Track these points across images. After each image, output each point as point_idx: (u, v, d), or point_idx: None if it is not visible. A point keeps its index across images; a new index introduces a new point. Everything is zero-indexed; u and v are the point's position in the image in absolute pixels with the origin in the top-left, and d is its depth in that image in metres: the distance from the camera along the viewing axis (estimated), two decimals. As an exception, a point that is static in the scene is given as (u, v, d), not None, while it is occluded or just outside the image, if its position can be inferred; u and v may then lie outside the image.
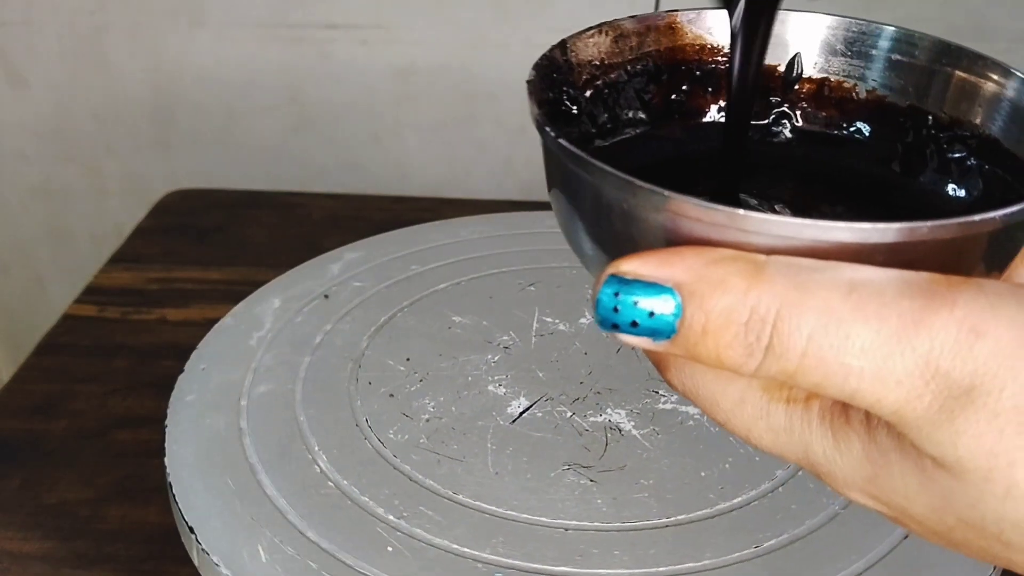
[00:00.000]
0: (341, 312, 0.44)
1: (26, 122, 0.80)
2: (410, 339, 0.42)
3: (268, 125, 0.79)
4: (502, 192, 0.79)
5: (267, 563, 0.31)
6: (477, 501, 0.34)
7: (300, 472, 0.35)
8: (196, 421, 0.38)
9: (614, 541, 0.32)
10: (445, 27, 0.74)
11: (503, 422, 0.37)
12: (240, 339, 0.43)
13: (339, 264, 0.47)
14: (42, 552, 0.40)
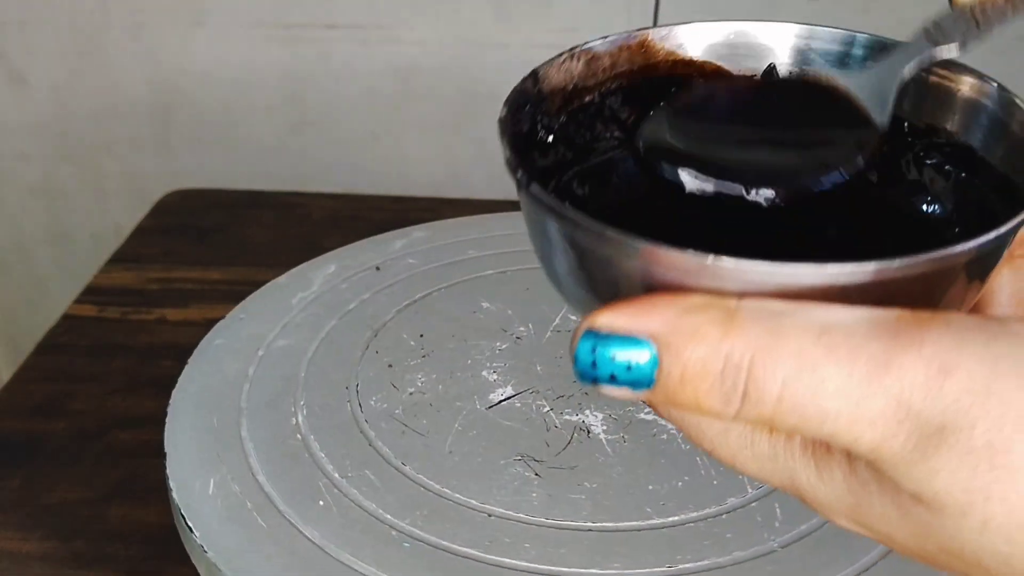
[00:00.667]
0: (384, 284, 0.45)
1: (26, 122, 0.80)
2: (433, 317, 0.43)
3: (268, 125, 0.79)
4: (502, 192, 0.79)
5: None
6: (418, 474, 0.35)
7: (278, 424, 0.37)
8: (211, 372, 0.40)
9: (529, 534, 0.33)
10: (445, 27, 0.74)
11: (480, 406, 0.38)
12: (285, 297, 0.46)
13: (403, 241, 0.49)
14: (42, 552, 0.40)
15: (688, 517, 0.33)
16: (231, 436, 0.37)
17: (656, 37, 0.26)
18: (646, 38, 0.26)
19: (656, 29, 0.26)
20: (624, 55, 0.26)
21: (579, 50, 0.26)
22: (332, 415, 0.38)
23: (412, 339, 0.42)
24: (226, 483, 0.35)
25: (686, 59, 0.26)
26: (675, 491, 0.34)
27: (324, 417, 0.38)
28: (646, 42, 0.26)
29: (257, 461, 0.36)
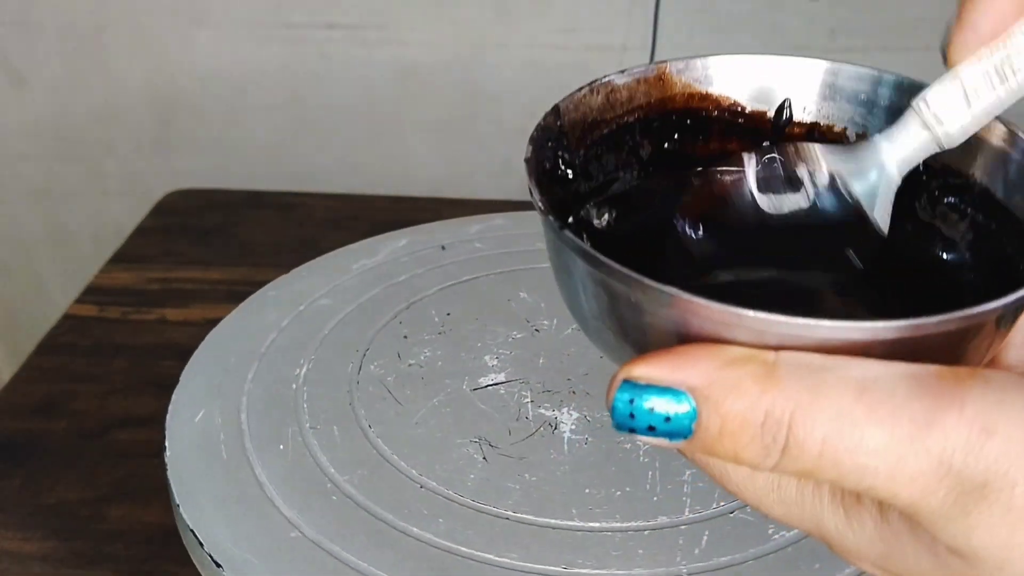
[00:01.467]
0: (441, 263, 0.46)
1: (26, 122, 0.80)
2: (469, 299, 0.43)
3: (268, 125, 0.79)
4: (502, 192, 0.79)
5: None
6: (377, 438, 0.36)
7: (275, 376, 0.39)
8: (247, 327, 0.42)
9: (449, 511, 0.33)
10: (445, 27, 0.74)
11: (466, 387, 0.39)
12: (346, 264, 0.47)
13: (480, 226, 0.49)
14: (42, 552, 0.40)
15: (610, 526, 0.33)
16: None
17: (674, 70, 0.26)
18: (664, 71, 0.26)
19: (675, 62, 0.26)
20: (642, 88, 0.26)
21: (598, 83, 0.26)
22: (331, 372, 0.40)
23: (439, 316, 0.43)
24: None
25: (703, 93, 0.26)
26: (610, 498, 0.33)
27: (323, 373, 0.40)
28: (664, 75, 0.26)
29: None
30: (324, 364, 0.41)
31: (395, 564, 0.31)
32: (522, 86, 0.76)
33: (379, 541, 0.32)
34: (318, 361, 0.41)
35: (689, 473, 0.34)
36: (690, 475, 0.34)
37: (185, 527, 0.33)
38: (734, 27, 0.73)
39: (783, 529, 0.31)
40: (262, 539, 0.32)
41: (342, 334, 0.42)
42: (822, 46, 0.73)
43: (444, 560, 0.32)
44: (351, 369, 0.40)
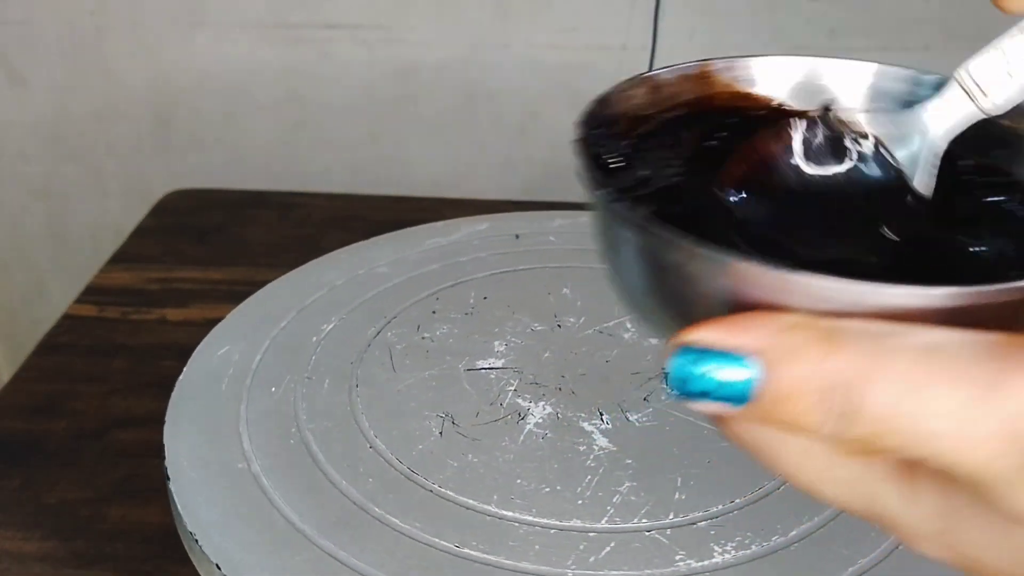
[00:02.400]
0: (508, 250, 0.47)
1: (26, 122, 0.80)
2: (512, 288, 0.44)
3: (268, 125, 0.79)
4: (502, 192, 0.79)
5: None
6: (357, 397, 0.38)
7: (302, 329, 0.41)
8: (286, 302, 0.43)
9: (384, 475, 0.34)
10: (445, 27, 0.74)
11: (461, 366, 0.39)
12: (420, 239, 0.48)
13: (563, 221, 0.50)
14: (42, 552, 0.40)
15: (520, 517, 0.32)
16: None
17: (717, 68, 0.27)
18: (708, 69, 0.27)
19: (718, 60, 0.26)
20: (686, 84, 0.27)
21: (642, 77, 0.26)
22: (351, 334, 0.41)
23: (475, 298, 0.43)
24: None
25: (745, 92, 0.27)
26: (536, 493, 0.33)
27: (345, 332, 0.42)
28: (707, 73, 0.27)
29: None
30: (349, 326, 0.42)
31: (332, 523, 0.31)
32: (522, 86, 0.76)
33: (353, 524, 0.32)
34: (346, 322, 0.42)
35: (628, 485, 0.33)
36: (628, 487, 0.33)
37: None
38: (734, 27, 0.73)
39: (692, 556, 0.30)
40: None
41: (379, 301, 0.43)
42: (822, 46, 0.73)
43: (356, 515, 0.32)
44: (370, 333, 0.41)
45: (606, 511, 0.32)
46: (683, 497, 0.32)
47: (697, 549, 0.30)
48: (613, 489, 0.33)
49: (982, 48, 0.23)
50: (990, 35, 0.25)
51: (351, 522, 0.32)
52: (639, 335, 0.40)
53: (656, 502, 0.32)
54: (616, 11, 0.73)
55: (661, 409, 0.36)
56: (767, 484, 0.32)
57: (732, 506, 0.31)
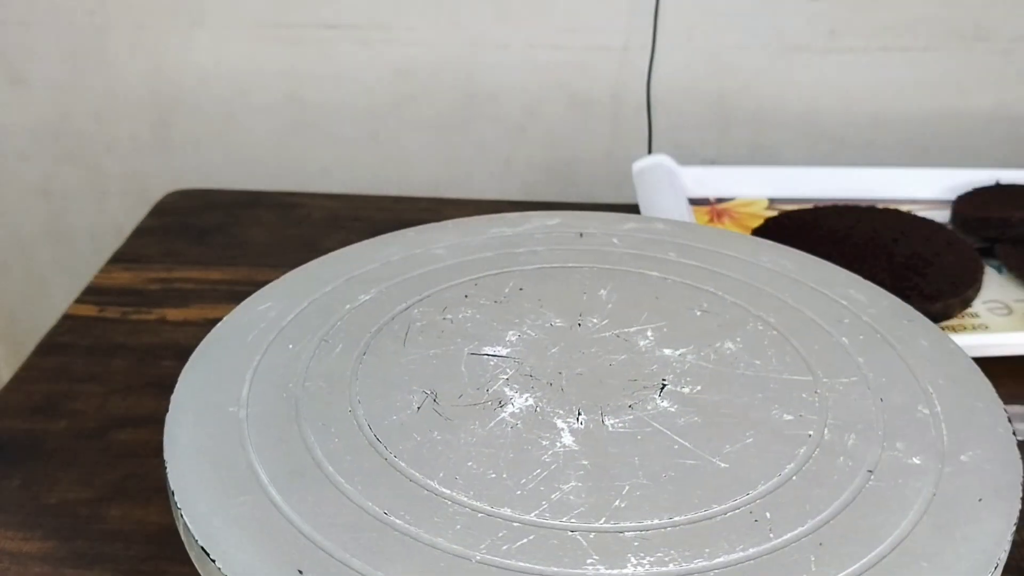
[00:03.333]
0: (562, 248, 0.46)
1: (26, 122, 0.80)
2: (551, 284, 0.44)
3: (268, 125, 0.79)
4: (502, 192, 0.80)
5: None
6: (358, 362, 0.38)
7: (337, 300, 0.41)
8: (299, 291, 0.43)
9: (348, 439, 0.35)
10: (445, 27, 0.74)
11: (467, 350, 0.39)
12: (486, 228, 0.48)
13: (635, 225, 0.49)
14: (42, 552, 0.40)
15: (453, 496, 0.33)
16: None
17: None
18: None
19: None
20: None
21: None
22: (380, 308, 0.42)
23: (511, 288, 0.43)
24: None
25: None
26: (478, 477, 0.33)
27: (376, 306, 0.42)
28: None
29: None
30: (384, 298, 0.42)
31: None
32: (522, 86, 0.76)
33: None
34: (383, 294, 0.43)
35: (572, 485, 0.32)
36: (571, 487, 0.32)
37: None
38: (734, 27, 0.73)
39: (604, 563, 0.30)
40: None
41: (422, 280, 0.44)
42: (822, 46, 0.73)
43: (310, 471, 0.33)
44: (398, 308, 0.42)
45: (540, 505, 0.32)
46: (622, 505, 0.31)
47: (613, 557, 0.29)
48: (556, 486, 0.32)
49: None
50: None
51: (305, 474, 0.33)
52: (656, 343, 0.39)
53: (593, 505, 0.31)
54: (616, 11, 0.73)
55: (642, 417, 0.35)
56: (713, 508, 0.31)
57: (667, 522, 0.31)
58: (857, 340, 0.38)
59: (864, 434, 0.33)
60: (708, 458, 0.33)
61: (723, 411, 0.35)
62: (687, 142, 0.77)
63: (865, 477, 0.32)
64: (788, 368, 0.37)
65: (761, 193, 0.65)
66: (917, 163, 0.75)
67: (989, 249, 0.58)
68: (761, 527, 0.30)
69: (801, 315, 0.40)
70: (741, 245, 0.46)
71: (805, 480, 0.32)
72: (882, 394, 0.35)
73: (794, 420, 0.34)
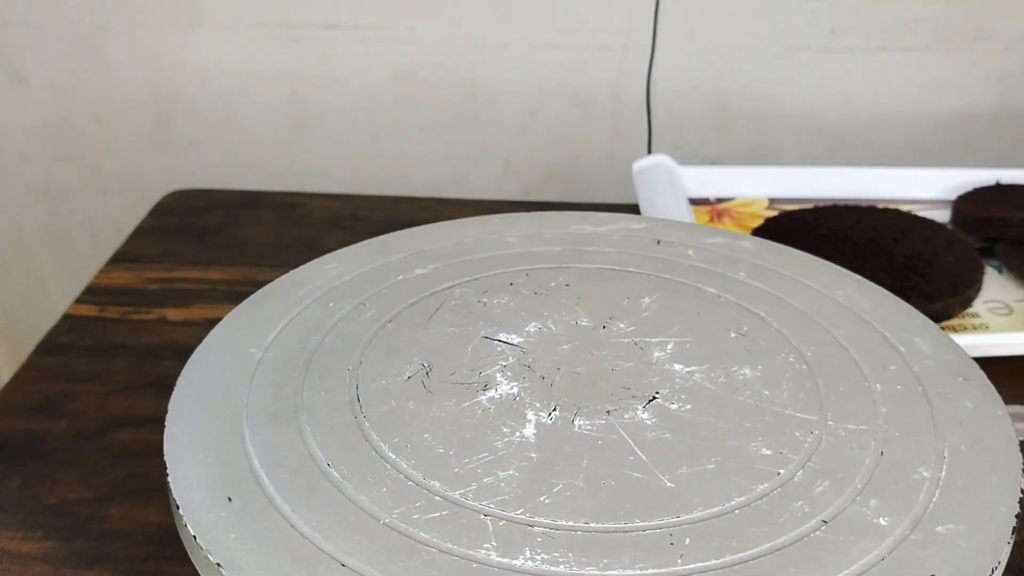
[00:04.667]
0: (631, 252, 0.46)
1: (26, 122, 0.80)
2: (601, 286, 0.43)
3: (268, 125, 0.79)
4: (502, 192, 0.80)
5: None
6: (380, 331, 0.40)
7: (388, 274, 0.42)
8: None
9: (331, 396, 0.36)
10: (445, 27, 0.74)
11: (483, 334, 0.40)
12: (567, 223, 0.47)
13: (720, 240, 0.48)
14: (42, 552, 0.40)
15: (413, 476, 0.33)
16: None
17: None
18: None
19: None
20: None
21: None
22: (431, 280, 0.43)
23: (557, 283, 0.43)
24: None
25: None
26: (420, 446, 0.34)
27: (413, 286, 0.42)
28: None
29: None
30: (436, 275, 0.43)
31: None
32: (522, 86, 0.76)
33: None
34: (437, 272, 0.43)
35: (508, 474, 0.32)
36: (507, 475, 0.32)
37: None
38: (734, 27, 0.73)
39: (499, 550, 0.30)
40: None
41: (481, 264, 0.44)
42: (822, 46, 0.73)
43: (284, 409, 0.35)
44: (442, 286, 0.42)
45: (468, 486, 0.32)
46: (546, 501, 0.31)
47: (509, 547, 0.29)
48: (494, 471, 0.32)
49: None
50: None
51: (279, 417, 0.35)
52: (670, 357, 0.38)
53: (518, 496, 0.31)
54: (616, 11, 0.73)
55: (613, 424, 0.34)
56: (634, 523, 0.30)
57: (579, 526, 0.30)
58: (893, 390, 0.36)
59: (840, 484, 0.31)
60: (658, 475, 0.32)
61: (700, 433, 0.33)
62: (687, 142, 0.77)
63: (815, 526, 0.30)
64: (796, 404, 0.35)
65: (761, 193, 0.65)
66: (917, 163, 0.75)
67: (989, 249, 0.58)
68: (673, 551, 0.29)
69: (844, 354, 0.38)
70: (822, 274, 0.43)
71: (747, 516, 0.30)
72: (886, 448, 0.33)
73: (771, 456, 0.32)
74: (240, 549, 0.31)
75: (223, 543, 0.31)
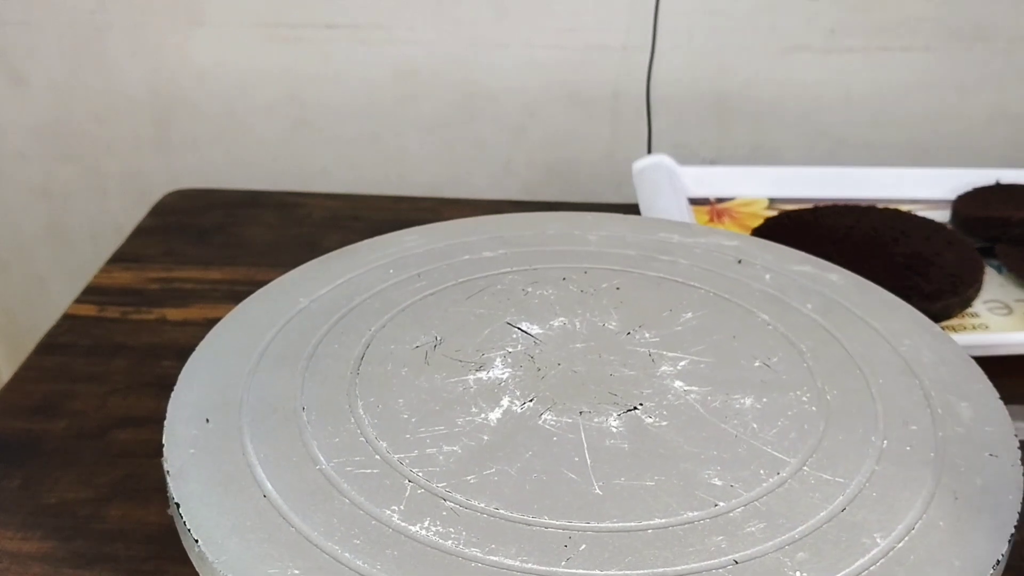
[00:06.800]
0: (705, 268, 0.45)
1: (26, 122, 0.80)
2: (647, 294, 0.42)
3: (268, 125, 0.79)
4: (502, 192, 0.80)
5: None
6: (410, 306, 0.40)
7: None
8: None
9: (338, 362, 0.37)
10: (445, 27, 0.74)
11: (507, 321, 0.40)
12: (655, 229, 0.47)
13: (810, 268, 0.46)
14: (42, 552, 0.40)
15: (364, 423, 0.34)
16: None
17: None
18: None
19: None
20: None
21: None
22: (486, 266, 0.43)
23: (607, 285, 0.43)
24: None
25: None
26: (391, 417, 0.34)
27: (483, 263, 0.43)
28: None
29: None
30: (494, 261, 0.44)
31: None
32: (521, 86, 0.76)
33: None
34: (498, 257, 0.44)
35: (452, 449, 0.33)
36: (449, 451, 0.33)
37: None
38: (734, 27, 0.73)
39: (432, 528, 0.30)
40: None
41: (543, 256, 0.45)
42: (822, 46, 0.73)
43: (296, 346, 0.37)
44: (496, 271, 0.43)
45: (408, 452, 0.33)
46: (471, 481, 0.31)
47: (414, 513, 0.30)
48: (440, 445, 0.33)
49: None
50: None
51: (287, 355, 0.37)
52: (677, 374, 0.37)
53: (447, 470, 0.32)
54: (616, 11, 0.73)
55: (577, 425, 0.34)
56: (541, 520, 0.30)
57: (488, 510, 0.30)
58: (901, 450, 0.33)
59: (775, 529, 0.29)
60: (592, 480, 0.31)
61: (659, 450, 0.32)
62: (687, 142, 0.77)
63: (722, 563, 0.28)
64: (780, 443, 0.33)
65: (761, 193, 0.65)
66: (917, 163, 0.75)
67: (989, 249, 0.58)
68: (561, 553, 0.29)
69: (869, 405, 0.35)
70: (896, 320, 0.40)
71: (657, 537, 0.29)
72: (851, 507, 0.30)
73: (719, 486, 0.31)
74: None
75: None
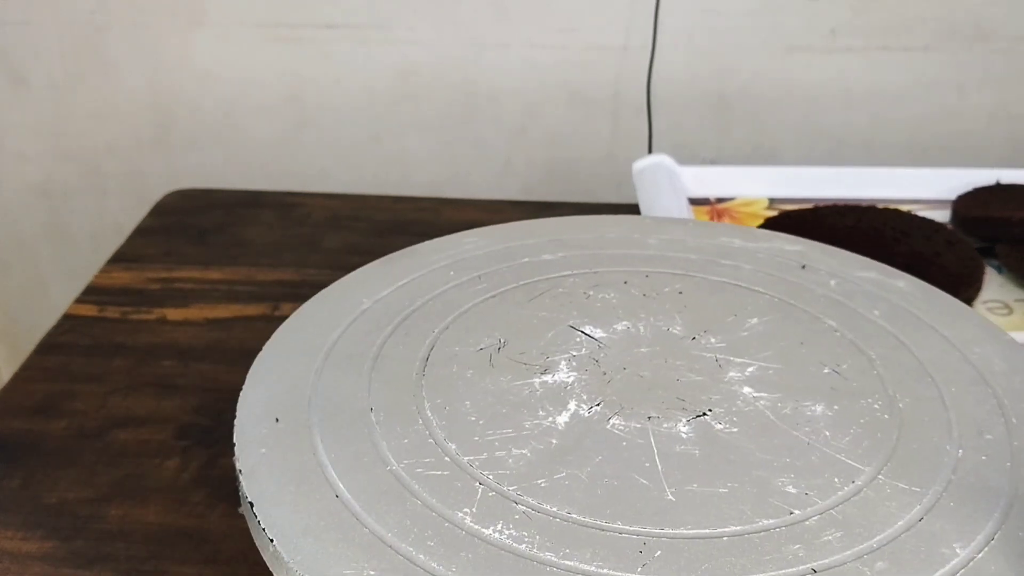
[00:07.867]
0: (768, 273, 0.44)
1: (26, 122, 0.80)
2: (710, 298, 0.42)
3: (268, 125, 0.79)
4: (502, 192, 0.80)
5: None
6: (480, 303, 0.41)
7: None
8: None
9: (404, 362, 0.37)
10: (445, 27, 0.74)
11: (571, 324, 0.40)
12: (713, 235, 0.47)
13: (875, 274, 0.45)
14: (42, 552, 0.40)
15: (427, 423, 0.34)
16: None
17: None
18: None
19: None
20: None
21: None
22: (560, 266, 0.43)
23: (670, 289, 0.43)
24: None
25: None
26: (451, 415, 0.35)
27: (559, 263, 0.43)
28: None
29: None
30: (555, 263, 0.44)
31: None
32: (522, 86, 0.76)
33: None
34: (558, 260, 0.44)
35: (522, 453, 0.33)
36: (519, 455, 0.32)
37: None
38: (734, 27, 0.73)
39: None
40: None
41: (604, 259, 0.45)
42: (822, 46, 0.73)
43: (360, 344, 0.37)
44: (559, 274, 0.43)
45: (478, 455, 0.33)
46: (542, 485, 0.31)
47: (487, 515, 0.30)
48: (509, 448, 0.33)
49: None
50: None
51: (355, 353, 0.37)
52: (745, 380, 0.36)
53: (518, 473, 0.32)
54: (616, 11, 0.73)
55: (647, 430, 0.33)
56: (615, 525, 0.30)
57: (560, 515, 0.30)
58: (977, 459, 0.32)
59: (853, 538, 0.28)
60: (664, 486, 0.31)
61: (731, 457, 0.32)
62: (687, 142, 0.77)
63: (802, 572, 0.27)
64: (853, 451, 0.32)
65: (761, 193, 0.65)
66: (917, 163, 0.75)
67: (989, 249, 0.58)
68: (637, 559, 0.28)
69: (942, 413, 0.34)
70: (966, 328, 0.39)
71: (734, 545, 0.28)
72: (929, 516, 0.29)
73: (794, 494, 0.30)
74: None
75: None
